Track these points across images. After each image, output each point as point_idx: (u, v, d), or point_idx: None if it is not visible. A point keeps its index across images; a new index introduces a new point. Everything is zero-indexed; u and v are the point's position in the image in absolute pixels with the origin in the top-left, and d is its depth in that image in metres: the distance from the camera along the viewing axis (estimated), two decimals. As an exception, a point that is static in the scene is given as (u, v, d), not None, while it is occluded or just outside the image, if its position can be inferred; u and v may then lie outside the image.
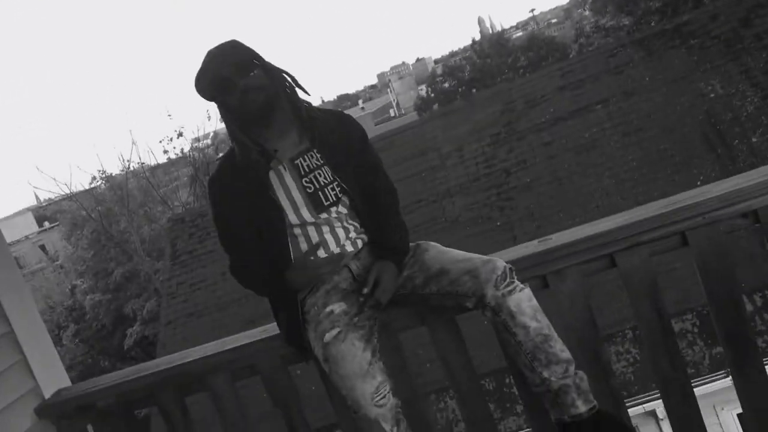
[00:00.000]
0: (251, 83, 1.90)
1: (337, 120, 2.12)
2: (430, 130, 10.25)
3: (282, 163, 1.97)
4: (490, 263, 1.91)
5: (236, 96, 1.89)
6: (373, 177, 2.13)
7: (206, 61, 1.91)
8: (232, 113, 1.93)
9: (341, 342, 1.87)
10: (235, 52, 1.93)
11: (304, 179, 1.98)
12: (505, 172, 9.37)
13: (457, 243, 7.84)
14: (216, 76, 1.89)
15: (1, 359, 2.24)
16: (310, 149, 2.01)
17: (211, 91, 1.92)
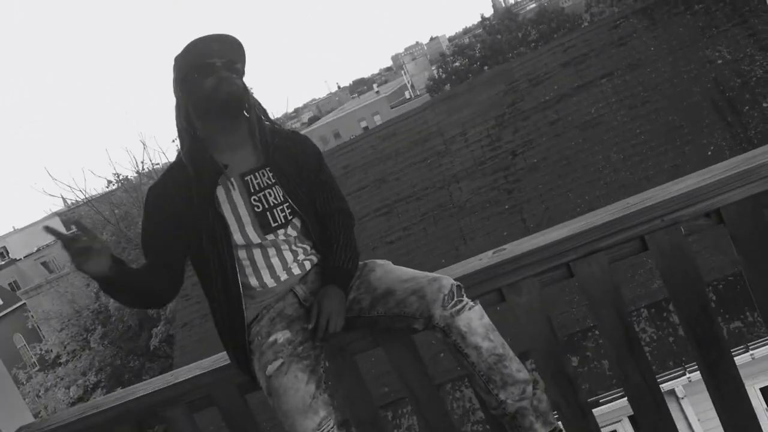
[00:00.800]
0: (232, 80, 1.85)
1: (292, 140, 2.04)
2: (432, 116, 10.09)
3: (231, 178, 1.89)
4: (437, 282, 1.81)
5: (211, 81, 1.83)
6: (327, 196, 2.06)
7: (198, 40, 1.85)
8: (196, 98, 1.85)
9: (284, 375, 1.79)
10: (232, 47, 1.88)
11: (253, 197, 1.90)
12: (511, 153, 9.21)
13: (467, 228, 7.77)
14: (204, 56, 1.83)
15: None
16: (263, 167, 1.93)
17: (188, 70, 1.85)
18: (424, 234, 9.05)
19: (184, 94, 1.88)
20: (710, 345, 1.88)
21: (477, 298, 1.87)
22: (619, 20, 9.57)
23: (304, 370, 1.80)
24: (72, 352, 19.65)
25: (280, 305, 1.93)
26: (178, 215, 1.87)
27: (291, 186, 1.93)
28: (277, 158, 1.94)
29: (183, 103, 1.89)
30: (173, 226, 1.88)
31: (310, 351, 1.85)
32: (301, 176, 1.97)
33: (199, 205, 1.86)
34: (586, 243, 1.87)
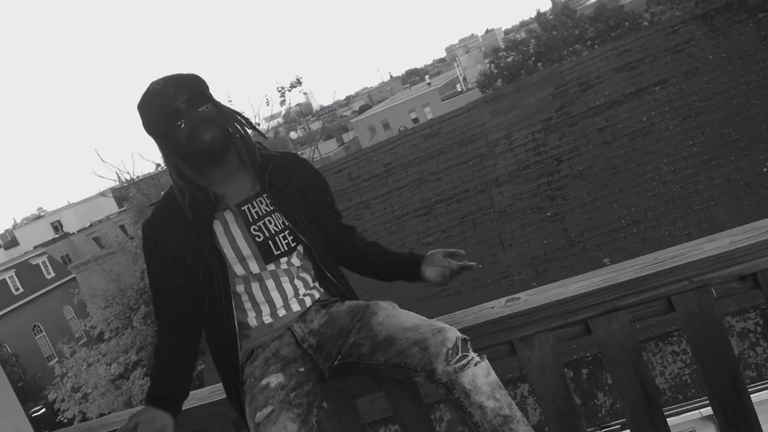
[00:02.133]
0: (202, 116, 1.75)
1: (290, 162, 1.95)
2: (477, 117, 9.90)
3: (228, 209, 1.81)
4: (441, 334, 1.69)
5: (185, 130, 1.73)
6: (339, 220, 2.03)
7: (152, 90, 1.76)
8: (178, 149, 1.77)
9: (272, 424, 1.70)
10: (188, 82, 1.78)
11: (253, 227, 1.81)
12: (556, 159, 8.96)
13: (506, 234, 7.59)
14: (164, 105, 1.73)
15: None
16: (260, 194, 1.84)
17: (155, 121, 1.76)
18: (462, 237, 8.89)
19: (164, 149, 1.80)
20: (740, 420, 1.72)
21: (486, 349, 1.75)
22: (677, 26, 9.19)
23: (295, 419, 1.70)
24: (115, 330, 20.09)
25: (276, 344, 1.84)
26: (179, 250, 1.80)
27: (291, 211, 1.85)
28: (274, 183, 1.85)
29: (166, 155, 1.81)
30: (178, 264, 1.81)
31: (303, 398, 1.75)
32: (302, 200, 1.90)
33: (196, 239, 1.78)
34: (607, 300, 1.73)
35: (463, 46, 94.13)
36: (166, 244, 1.82)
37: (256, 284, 1.84)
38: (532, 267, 8.14)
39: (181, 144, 1.76)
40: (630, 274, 1.73)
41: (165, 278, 1.83)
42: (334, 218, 2.02)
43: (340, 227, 2.03)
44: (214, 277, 1.80)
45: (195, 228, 1.79)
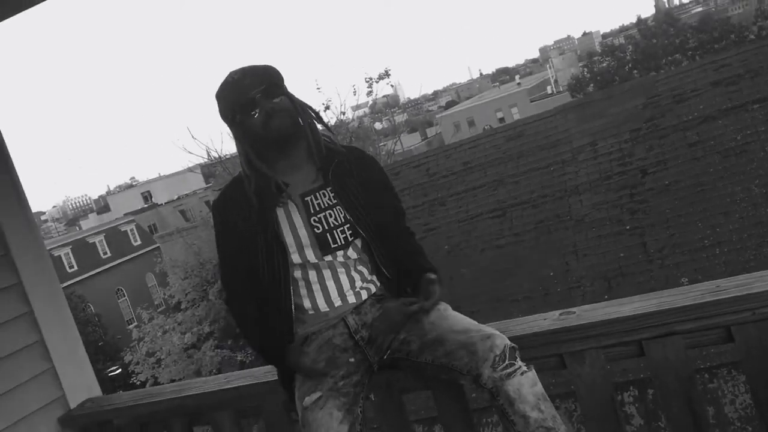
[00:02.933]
0: (276, 107, 1.82)
1: (357, 159, 1.99)
2: (563, 122, 9.71)
3: (291, 198, 1.88)
4: (490, 340, 1.71)
5: (259, 119, 1.81)
6: (397, 218, 2.03)
7: (229, 80, 1.84)
8: (250, 138, 1.85)
9: (319, 409, 1.76)
10: (264, 73, 1.85)
11: (313, 218, 1.87)
12: (641, 171, 8.70)
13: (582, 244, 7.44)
14: (241, 94, 1.81)
15: (29, 368, 2.35)
16: (324, 187, 1.90)
17: (231, 110, 1.84)
18: (535, 243, 8.77)
19: (237, 137, 1.87)
20: (793, 460, 1.65)
21: (535, 360, 1.75)
22: (785, 41, 8.73)
23: (341, 408, 1.76)
24: (192, 301, 20.85)
25: (330, 333, 1.90)
26: (242, 234, 1.88)
27: (353, 206, 1.89)
28: (339, 178, 1.90)
29: (239, 143, 1.88)
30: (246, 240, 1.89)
31: (351, 388, 1.81)
32: (365, 196, 1.93)
33: (259, 225, 1.85)
34: (663, 323, 1.70)
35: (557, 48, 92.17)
36: (232, 225, 1.91)
37: (314, 272, 1.89)
38: (606, 280, 7.95)
39: (253, 132, 1.83)
40: (690, 299, 1.69)
41: (232, 255, 1.92)
42: (392, 216, 2.02)
43: (397, 227, 2.02)
44: (275, 261, 1.86)
45: (258, 214, 1.86)
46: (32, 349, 2.37)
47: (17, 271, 2.37)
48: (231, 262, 1.95)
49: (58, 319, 2.45)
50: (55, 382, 2.40)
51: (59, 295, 2.49)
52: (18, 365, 2.34)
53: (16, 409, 2.31)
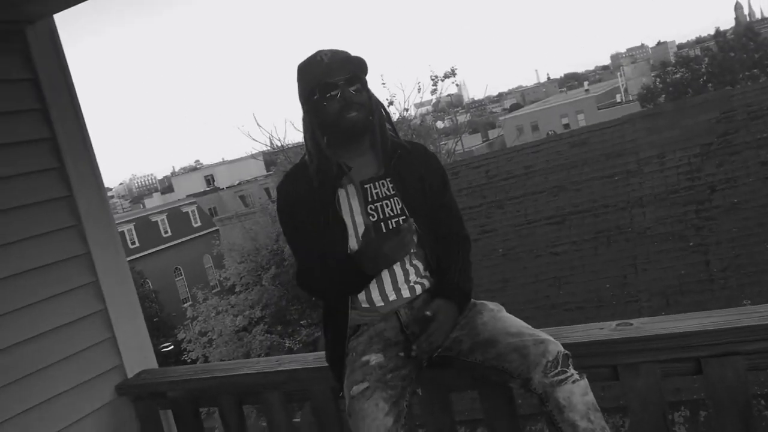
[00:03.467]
0: (355, 98, 1.85)
1: (419, 155, 2.00)
2: (632, 131, 9.49)
3: (352, 183, 1.89)
4: (543, 345, 1.69)
5: (336, 105, 1.84)
6: (449, 218, 2.02)
7: (318, 58, 1.87)
8: (321, 120, 1.87)
9: (366, 399, 1.77)
10: (351, 63, 1.88)
11: (370, 206, 1.89)
12: (709, 188, 8.43)
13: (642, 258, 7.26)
14: (325, 75, 1.84)
15: (91, 335, 2.45)
16: (384, 177, 1.91)
17: (312, 89, 1.87)
18: (593, 253, 8.61)
19: (309, 114, 1.89)
20: None
21: (587, 369, 1.72)
22: None
23: (387, 400, 1.77)
24: (246, 285, 21.22)
25: (382, 326, 1.91)
26: (309, 213, 1.90)
27: (410, 199, 1.90)
28: (399, 170, 1.91)
29: (308, 120, 1.90)
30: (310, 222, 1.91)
31: (399, 381, 1.81)
32: (422, 191, 1.94)
33: (321, 206, 1.87)
34: (724, 342, 1.65)
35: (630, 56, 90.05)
36: (295, 208, 1.93)
37: None
38: (664, 296, 7.74)
39: (327, 116, 1.85)
40: (754, 320, 1.64)
41: (297, 235, 1.95)
42: (447, 218, 2.01)
43: (449, 228, 2.00)
44: (336, 243, 1.88)
45: (319, 195, 1.88)
46: (96, 317, 2.46)
47: (86, 242, 2.47)
48: (296, 238, 1.97)
49: (122, 290, 2.54)
50: (115, 351, 2.49)
51: (124, 267, 2.58)
52: (82, 331, 2.43)
53: (77, 374, 2.41)
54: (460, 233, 2.01)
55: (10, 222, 2.33)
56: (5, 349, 2.24)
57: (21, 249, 2.32)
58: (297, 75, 1.92)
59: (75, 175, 2.47)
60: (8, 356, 2.25)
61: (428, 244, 1.93)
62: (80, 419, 2.40)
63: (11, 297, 2.27)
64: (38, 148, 2.44)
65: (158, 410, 2.48)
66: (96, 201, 2.53)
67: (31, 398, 2.28)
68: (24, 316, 2.29)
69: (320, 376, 2.13)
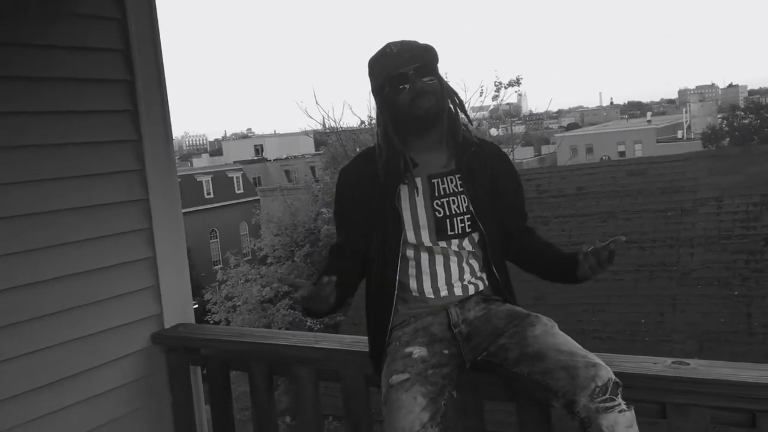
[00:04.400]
0: (426, 87, 1.82)
1: (492, 155, 1.97)
2: (693, 169, 9.26)
3: (418, 178, 1.87)
4: (594, 368, 1.64)
5: (407, 95, 1.81)
6: (522, 221, 2.01)
7: (387, 51, 1.85)
8: (393, 111, 1.85)
9: (405, 391, 1.74)
10: (421, 51, 1.85)
11: (436, 201, 1.86)
12: (764, 239, 8.18)
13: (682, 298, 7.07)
14: (395, 67, 1.82)
15: (137, 280, 2.46)
16: (453, 173, 1.88)
17: (382, 83, 1.85)
18: (633, 285, 8.44)
19: (381, 108, 1.88)
20: None
21: (634, 402, 1.67)
22: None
23: (426, 395, 1.73)
24: (278, 258, 21.39)
25: (429, 320, 1.88)
26: (364, 202, 1.90)
27: (478, 198, 1.87)
28: (470, 168, 1.88)
29: (381, 115, 1.89)
30: (361, 210, 1.91)
31: (439, 379, 1.78)
32: (492, 191, 1.91)
33: (380, 196, 1.86)
34: (784, 399, 1.57)
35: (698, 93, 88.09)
36: (355, 193, 1.93)
37: (425, 255, 1.88)
38: (699, 341, 7.56)
39: (398, 107, 1.83)
40: (822, 382, 1.56)
41: (348, 221, 1.95)
42: (519, 219, 2.01)
43: (522, 229, 2.01)
44: (388, 236, 1.86)
45: (383, 187, 1.87)
46: (144, 263, 2.47)
47: (147, 188, 2.48)
48: (343, 218, 1.98)
49: (173, 241, 2.55)
50: (156, 300, 2.50)
51: (179, 218, 2.58)
52: (128, 275, 2.45)
53: (117, 316, 2.43)
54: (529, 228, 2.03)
55: (79, 154, 2.35)
56: (58, 279, 2.26)
57: (82, 184, 2.34)
58: (368, 70, 1.90)
59: (146, 119, 2.48)
60: (60, 285, 2.28)
61: (491, 246, 1.89)
62: (111, 361, 2.42)
63: (68, 230, 2.29)
64: (115, 89, 2.46)
65: (189, 365, 2.49)
66: (162, 148, 2.54)
67: (71, 331, 2.31)
68: (78, 250, 2.31)
69: (354, 359, 2.10)
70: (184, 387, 2.51)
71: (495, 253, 1.92)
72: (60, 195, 2.29)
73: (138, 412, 2.49)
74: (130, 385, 2.47)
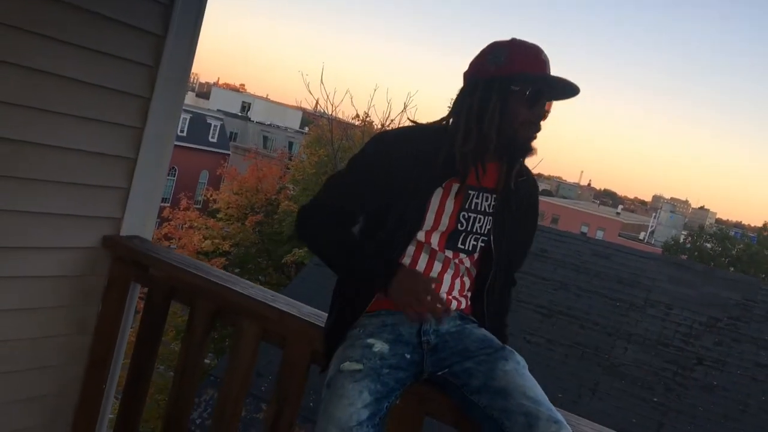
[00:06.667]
0: (541, 126, 1.70)
1: (533, 190, 1.89)
2: (654, 270, 9.39)
3: (459, 184, 1.73)
4: (556, 426, 1.54)
5: (527, 117, 1.66)
6: (519, 265, 1.95)
7: (541, 57, 1.68)
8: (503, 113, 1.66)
9: (353, 381, 1.61)
10: (574, 91, 1.69)
11: (463, 213, 1.74)
12: (698, 359, 8.31)
13: (604, 387, 7.10)
14: (551, 84, 1.67)
15: (109, 176, 2.28)
16: (491, 192, 1.76)
17: (521, 77, 1.65)
18: (562, 358, 8.48)
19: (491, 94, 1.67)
20: None
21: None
22: None
23: (373, 392, 1.61)
24: (228, 216, 21.06)
25: (402, 319, 1.76)
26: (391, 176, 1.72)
27: (502, 226, 1.78)
28: (510, 194, 1.77)
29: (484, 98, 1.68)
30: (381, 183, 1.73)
31: (392, 381, 1.66)
32: (518, 224, 1.82)
33: (415, 185, 1.71)
34: None
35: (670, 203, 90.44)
36: (386, 166, 1.73)
37: (425, 257, 1.77)
38: None
39: (511, 117, 1.66)
40: None
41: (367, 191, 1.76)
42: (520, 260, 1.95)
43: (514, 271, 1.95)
44: (405, 226, 1.73)
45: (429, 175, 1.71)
46: (124, 162, 2.30)
47: (154, 85, 2.31)
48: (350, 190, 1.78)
49: (159, 152, 2.37)
50: (122, 203, 2.32)
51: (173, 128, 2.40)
52: (104, 168, 2.27)
53: (77, 203, 2.25)
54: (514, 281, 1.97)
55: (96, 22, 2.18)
56: (31, 144, 2.09)
57: (88, 58, 2.17)
58: (503, 45, 1.70)
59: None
60: (32, 153, 2.10)
61: (495, 275, 1.82)
62: (52, 247, 2.24)
63: (63, 101, 2.12)
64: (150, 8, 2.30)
65: (131, 281, 2.33)
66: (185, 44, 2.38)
67: (29, 204, 2.13)
68: (66, 123, 2.14)
69: (306, 331, 1.98)
70: (117, 301, 2.34)
71: (495, 282, 1.83)
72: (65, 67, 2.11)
73: (61, 309, 2.31)
74: (62, 279, 2.29)
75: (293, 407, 2.00)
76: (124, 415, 2.32)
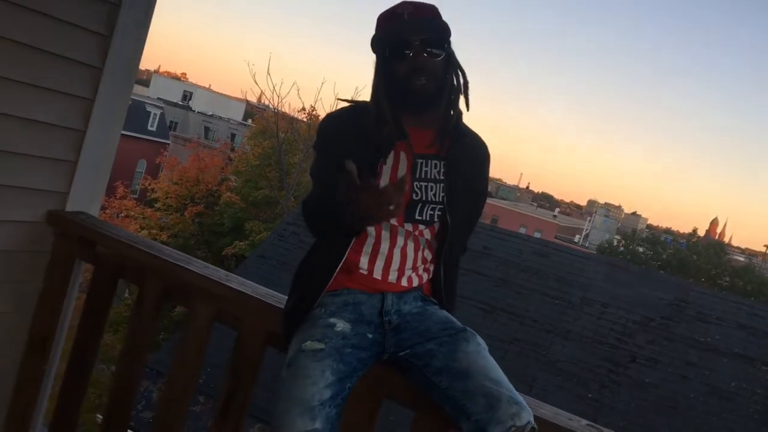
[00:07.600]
0: (428, 65, 1.67)
1: (482, 152, 1.86)
2: (591, 270, 9.62)
3: (405, 152, 1.72)
4: (517, 407, 1.54)
5: (405, 66, 1.66)
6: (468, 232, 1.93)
7: (398, 11, 1.69)
8: (388, 79, 1.70)
9: (315, 361, 1.58)
10: (434, 21, 1.70)
11: (416, 183, 1.72)
12: (631, 357, 8.56)
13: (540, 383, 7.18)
14: (399, 33, 1.67)
15: (55, 148, 2.17)
16: (438, 159, 1.75)
17: (384, 45, 1.70)
18: (503, 355, 8.59)
19: (377, 70, 1.73)
20: None
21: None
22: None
23: (335, 372, 1.58)
24: (167, 207, 20.60)
25: (362, 298, 1.73)
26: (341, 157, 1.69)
27: (456, 192, 1.75)
28: (457, 159, 1.75)
29: (376, 74, 1.73)
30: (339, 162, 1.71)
31: (354, 360, 1.63)
32: (468, 189, 1.80)
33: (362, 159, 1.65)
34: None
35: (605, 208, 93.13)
36: (334, 146, 1.73)
37: (387, 233, 1.74)
38: (543, 427, 7.76)
39: (395, 77, 1.68)
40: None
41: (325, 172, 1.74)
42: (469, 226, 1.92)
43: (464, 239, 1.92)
44: None
45: (368, 150, 1.69)
46: (71, 134, 2.19)
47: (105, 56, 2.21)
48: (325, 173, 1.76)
49: (109, 127, 2.27)
50: (68, 177, 2.21)
51: (124, 104, 2.30)
52: (51, 139, 2.16)
53: (19, 174, 2.14)
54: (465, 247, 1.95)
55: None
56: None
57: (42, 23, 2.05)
58: (375, 24, 1.74)
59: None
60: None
61: (451, 242, 1.78)
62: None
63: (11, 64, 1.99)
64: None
65: (76, 258, 2.22)
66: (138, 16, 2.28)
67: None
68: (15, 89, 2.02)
69: (263, 312, 1.93)
70: (60, 280, 2.23)
71: (451, 253, 1.81)
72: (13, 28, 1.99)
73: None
74: (1, 253, 2.16)
75: (247, 391, 1.95)
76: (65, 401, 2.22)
